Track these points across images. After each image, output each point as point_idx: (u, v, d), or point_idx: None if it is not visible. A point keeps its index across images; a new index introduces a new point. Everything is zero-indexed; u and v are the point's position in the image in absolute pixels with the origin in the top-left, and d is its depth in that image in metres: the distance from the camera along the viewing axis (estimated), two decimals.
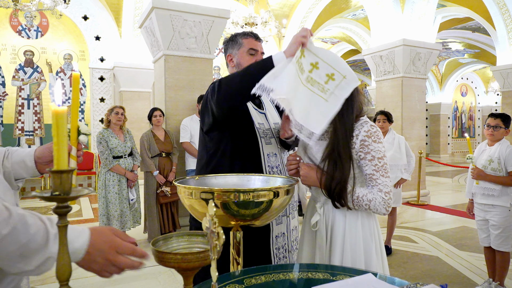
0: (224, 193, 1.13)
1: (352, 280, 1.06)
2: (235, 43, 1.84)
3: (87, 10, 8.78)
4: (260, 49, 1.84)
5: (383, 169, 1.48)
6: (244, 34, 1.84)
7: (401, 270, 3.54)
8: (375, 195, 1.45)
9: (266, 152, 1.74)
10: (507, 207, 2.78)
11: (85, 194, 0.64)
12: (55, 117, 0.61)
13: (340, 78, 1.43)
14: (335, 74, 1.44)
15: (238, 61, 1.81)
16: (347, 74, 1.44)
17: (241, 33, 1.85)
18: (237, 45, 1.83)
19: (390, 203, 1.47)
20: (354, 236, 1.51)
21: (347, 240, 1.51)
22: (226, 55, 1.88)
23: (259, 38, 1.85)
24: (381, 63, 7.13)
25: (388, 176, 1.48)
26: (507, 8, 8.10)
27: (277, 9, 9.67)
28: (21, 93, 8.27)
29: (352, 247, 1.50)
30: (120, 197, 4.15)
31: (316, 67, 1.45)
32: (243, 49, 1.80)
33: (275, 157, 1.77)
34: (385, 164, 1.49)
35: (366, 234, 1.53)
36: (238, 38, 1.83)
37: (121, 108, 4.33)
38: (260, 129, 1.77)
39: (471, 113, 19.80)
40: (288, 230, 1.83)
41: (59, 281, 0.63)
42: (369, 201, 1.45)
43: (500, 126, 2.83)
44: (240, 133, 1.73)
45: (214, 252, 0.73)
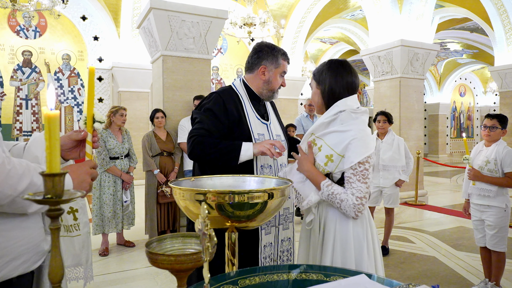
0: (219, 195, 1.14)
1: (345, 281, 1.07)
2: (275, 59, 1.86)
3: (86, 10, 8.77)
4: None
5: (361, 174, 1.48)
6: (284, 55, 1.88)
7: (398, 271, 3.55)
8: (347, 196, 1.48)
9: (260, 164, 1.79)
10: (502, 208, 2.80)
11: (78, 197, 0.64)
12: (47, 121, 0.62)
13: (339, 159, 1.53)
14: (333, 156, 1.54)
15: (270, 79, 1.87)
16: (345, 153, 1.51)
17: (282, 52, 1.88)
18: (275, 63, 1.86)
19: (361, 209, 1.48)
20: (345, 236, 1.53)
21: (338, 239, 1.54)
22: (259, 62, 1.86)
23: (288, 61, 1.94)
24: (379, 63, 7.15)
25: (365, 182, 1.48)
26: (505, 9, 8.13)
27: (276, 9, 9.68)
28: (19, 93, 8.26)
29: (343, 246, 1.53)
30: (114, 199, 4.13)
31: (320, 149, 1.59)
32: (279, 69, 1.86)
33: (269, 168, 1.81)
34: (366, 170, 1.49)
35: (357, 234, 1.55)
36: (279, 57, 1.86)
37: (125, 109, 4.30)
38: (259, 140, 1.80)
39: (469, 113, 19.84)
40: (277, 241, 1.85)
41: (51, 282, 0.63)
42: (341, 201, 1.49)
43: (496, 127, 2.84)
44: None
45: (206, 253, 0.74)
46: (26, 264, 0.99)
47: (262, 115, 1.90)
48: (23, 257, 0.97)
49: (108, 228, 4.08)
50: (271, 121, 1.93)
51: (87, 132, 1.14)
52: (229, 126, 1.78)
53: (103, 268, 3.67)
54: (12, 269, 0.95)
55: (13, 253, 0.95)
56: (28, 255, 0.99)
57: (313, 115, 6.02)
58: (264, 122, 1.88)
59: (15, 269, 0.96)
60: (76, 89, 8.86)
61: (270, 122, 1.92)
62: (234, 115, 1.79)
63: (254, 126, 1.82)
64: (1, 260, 0.93)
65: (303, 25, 10.04)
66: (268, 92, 1.88)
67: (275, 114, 2.02)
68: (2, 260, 0.93)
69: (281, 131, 1.96)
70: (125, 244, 4.34)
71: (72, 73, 8.81)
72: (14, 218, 0.95)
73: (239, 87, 1.90)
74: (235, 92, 1.89)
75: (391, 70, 6.95)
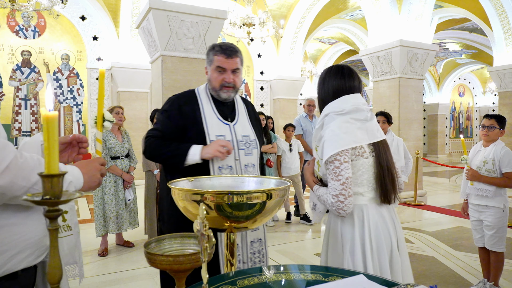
0: (217, 195, 1.14)
1: (344, 281, 1.07)
2: (208, 57, 1.87)
3: (85, 10, 8.77)
4: (231, 66, 1.82)
5: (333, 172, 1.51)
6: (216, 50, 1.82)
7: None
8: (327, 196, 1.54)
9: (217, 165, 1.76)
10: (500, 208, 2.80)
11: (76, 198, 0.65)
12: (46, 122, 0.62)
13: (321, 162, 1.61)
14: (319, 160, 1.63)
15: (210, 77, 1.86)
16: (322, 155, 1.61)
17: (216, 48, 1.83)
18: (209, 60, 1.87)
19: (340, 206, 1.49)
20: (334, 234, 1.61)
21: (330, 237, 1.64)
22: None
23: (232, 55, 1.81)
24: (378, 63, 7.15)
25: (338, 180, 1.49)
26: (504, 9, 8.14)
27: (275, 9, 9.68)
28: (18, 93, 8.26)
29: (333, 245, 1.61)
30: (116, 198, 4.13)
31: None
32: (213, 65, 1.83)
33: (229, 169, 1.78)
34: (336, 168, 1.50)
35: (345, 232, 1.57)
36: (211, 53, 1.85)
37: (121, 108, 4.31)
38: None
39: (468, 113, 19.86)
40: (244, 242, 1.83)
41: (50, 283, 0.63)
42: (325, 201, 1.56)
43: (494, 127, 2.84)
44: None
45: (205, 254, 0.74)
46: (30, 258, 1.03)
47: (226, 116, 1.87)
48: (27, 251, 1.02)
49: (112, 228, 4.08)
50: (238, 121, 1.90)
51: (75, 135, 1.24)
52: (184, 127, 1.80)
53: (103, 268, 3.66)
54: (17, 262, 1.00)
55: (18, 247, 1.00)
56: (32, 249, 1.04)
57: (312, 115, 6.03)
58: (226, 123, 1.86)
59: (19, 263, 1.01)
60: (75, 89, 8.86)
61: (236, 122, 1.89)
62: (190, 117, 1.81)
63: (211, 127, 1.80)
64: (7, 254, 0.98)
65: (302, 25, 10.04)
66: (213, 91, 1.86)
67: (249, 115, 1.98)
68: (9, 253, 0.98)
69: (251, 131, 1.92)
70: (124, 245, 4.34)
71: (71, 73, 8.81)
72: (18, 214, 1.01)
73: (202, 91, 1.92)
74: (195, 95, 1.90)
75: (390, 70, 6.96)
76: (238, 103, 1.97)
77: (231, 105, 1.94)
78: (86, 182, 1.11)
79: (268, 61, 11.08)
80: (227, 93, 1.84)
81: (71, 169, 1.09)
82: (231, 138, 1.84)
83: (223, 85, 1.82)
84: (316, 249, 4.38)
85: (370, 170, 1.59)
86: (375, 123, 1.64)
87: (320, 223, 5.51)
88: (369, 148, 1.59)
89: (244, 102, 2.02)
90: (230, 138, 1.83)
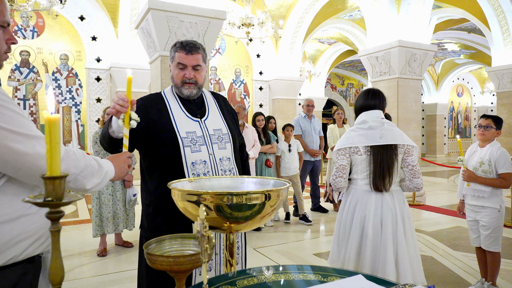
0: (217, 196, 1.15)
1: (343, 281, 1.08)
2: (170, 55, 1.87)
3: (84, 10, 8.76)
4: (191, 62, 1.82)
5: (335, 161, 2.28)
6: (176, 47, 1.83)
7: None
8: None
9: (190, 161, 1.76)
10: (496, 209, 2.81)
11: (78, 199, 0.65)
12: (48, 125, 0.62)
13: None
14: None
15: (172, 75, 1.86)
16: None
17: (177, 44, 1.84)
18: (171, 57, 1.87)
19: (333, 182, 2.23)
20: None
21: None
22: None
23: (192, 51, 1.81)
24: (377, 64, 7.17)
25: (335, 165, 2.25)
26: (502, 9, 8.16)
27: (274, 9, 9.69)
28: (17, 94, 8.25)
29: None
30: (113, 198, 4.12)
31: None
32: (175, 62, 1.83)
33: (203, 164, 1.78)
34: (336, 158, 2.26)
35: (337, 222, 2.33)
36: (172, 50, 1.84)
37: None
38: (187, 138, 1.79)
39: (467, 113, 19.91)
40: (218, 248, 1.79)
41: (52, 284, 0.64)
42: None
43: (491, 126, 2.86)
44: (158, 146, 1.79)
45: (205, 255, 0.75)
46: (44, 244, 1.17)
47: (194, 113, 1.88)
48: (43, 237, 1.16)
49: (107, 228, 4.07)
50: (209, 117, 1.91)
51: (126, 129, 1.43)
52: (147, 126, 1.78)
53: (101, 269, 3.67)
54: (35, 248, 1.13)
55: (37, 234, 1.13)
56: (46, 236, 1.17)
57: (311, 115, 6.04)
58: (195, 119, 1.86)
59: (37, 248, 1.14)
60: (74, 89, 8.85)
61: (206, 118, 1.90)
62: (156, 116, 1.80)
63: (180, 125, 1.81)
64: (29, 240, 1.10)
65: (301, 25, 10.06)
66: (176, 88, 1.87)
67: (220, 109, 1.98)
68: (30, 239, 1.10)
69: (224, 125, 1.93)
70: (123, 245, 4.34)
71: (70, 73, 8.80)
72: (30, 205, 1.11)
73: (168, 92, 1.92)
74: (161, 96, 1.90)
75: (389, 71, 6.98)
76: (208, 99, 1.98)
77: (200, 101, 1.94)
78: (117, 173, 1.33)
79: (267, 61, 11.08)
80: (188, 89, 1.84)
81: (105, 162, 1.28)
82: (202, 134, 1.83)
83: (184, 81, 1.83)
84: (315, 249, 4.39)
85: (363, 164, 2.18)
86: (379, 132, 2.15)
87: (319, 223, 5.53)
88: (365, 149, 2.16)
89: (215, 97, 2.02)
90: (200, 134, 1.83)
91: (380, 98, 2.28)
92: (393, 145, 2.13)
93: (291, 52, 10.54)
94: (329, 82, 17.82)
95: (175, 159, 1.75)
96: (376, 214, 2.10)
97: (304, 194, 6.19)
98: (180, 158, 1.75)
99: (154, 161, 1.81)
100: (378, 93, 2.29)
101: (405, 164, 2.18)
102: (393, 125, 2.25)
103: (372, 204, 2.12)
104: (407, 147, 2.18)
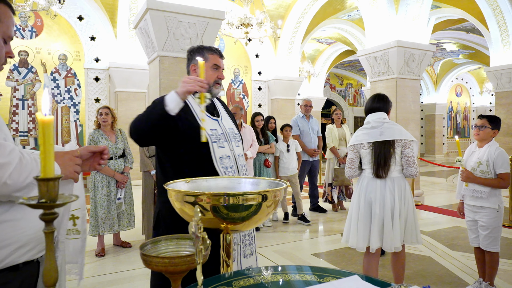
0: (213, 197, 1.15)
1: (338, 281, 1.08)
2: (202, 56, 1.97)
3: (82, 10, 8.75)
4: (222, 66, 2.01)
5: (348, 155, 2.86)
6: (210, 50, 1.99)
7: None
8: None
9: (218, 155, 1.87)
10: (495, 209, 2.81)
11: (72, 201, 0.65)
12: (42, 126, 0.62)
13: None
14: None
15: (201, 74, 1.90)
16: None
17: (208, 47, 2.00)
18: (204, 58, 1.96)
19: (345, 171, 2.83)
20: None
21: None
22: (189, 64, 2.02)
23: (222, 56, 2.03)
24: (376, 64, 7.17)
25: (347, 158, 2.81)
26: (501, 9, 8.17)
27: (273, 9, 9.70)
28: (15, 94, 8.24)
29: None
30: (108, 199, 4.11)
31: None
32: (209, 63, 1.95)
33: (228, 159, 1.90)
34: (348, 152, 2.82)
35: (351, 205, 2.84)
36: (205, 52, 1.99)
37: (107, 108, 4.23)
38: (212, 135, 1.89)
39: (466, 113, 19.93)
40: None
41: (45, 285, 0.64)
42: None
43: (485, 126, 2.86)
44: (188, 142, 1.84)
45: (200, 256, 0.75)
46: (31, 252, 1.10)
47: (211, 112, 1.98)
48: (28, 245, 1.08)
49: (103, 229, 4.06)
50: (222, 117, 2.04)
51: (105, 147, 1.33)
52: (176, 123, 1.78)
53: (100, 269, 3.67)
54: (19, 256, 1.06)
55: (20, 241, 1.06)
56: (33, 243, 1.10)
57: (309, 115, 6.04)
58: (214, 118, 1.98)
59: (21, 256, 1.07)
60: (73, 89, 8.84)
61: (221, 118, 2.02)
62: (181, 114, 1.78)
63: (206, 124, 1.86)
64: (11, 247, 1.04)
65: (300, 25, 10.06)
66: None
67: (226, 111, 2.13)
68: (12, 247, 1.04)
69: (234, 126, 2.08)
70: (121, 245, 4.33)
71: (69, 73, 8.79)
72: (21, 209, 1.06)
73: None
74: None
75: (387, 71, 6.98)
76: (215, 101, 2.09)
77: (212, 103, 2.04)
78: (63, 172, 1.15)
79: (266, 61, 11.09)
80: (218, 88, 2.00)
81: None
82: (222, 131, 1.94)
83: (216, 82, 1.97)
84: (314, 249, 4.39)
85: (368, 157, 2.68)
86: (380, 130, 2.62)
87: (318, 223, 5.53)
88: (368, 144, 2.66)
89: (218, 100, 2.16)
90: (221, 132, 1.93)
91: (384, 102, 2.75)
92: (390, 140, 2.60)
93: (290, 52, 10.54)
94: (328, 82, 17.83)
95: (205, 154, 1.83)
96: (380, 196, 2.61)
97: (303, 194, 6.19)
98: (209, 153, 1.84)
99: (181, 158, 1.85)
100: (383, 97, 2.77)
101: (402, 155, 2.65)
102: (393, 123, 2.70)
103: (378, 188, 2.62)
104: (405, 141, 2.63)
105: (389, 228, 2.58)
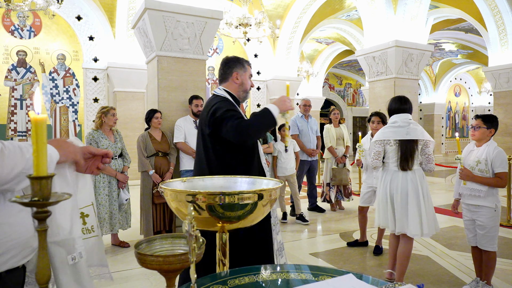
0: (209, 196, 1.15)
1: (333, 280, 1.09)
2: (242, 66, 2.39)
3: (81, 10, 8.75)
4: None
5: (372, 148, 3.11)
6: (247, 62, 2.44)
7: None
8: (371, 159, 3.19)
9: (260, 151, 2.42)
10: (493, 208, 2.82)
11: (65, 199, 0.65)
12: (35, 125, 0.63)
13: None
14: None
15: (243, 81, 2.37)
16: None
17: (246, 60, 2.43)
18: (243, 69, 2.39)
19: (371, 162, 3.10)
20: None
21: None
22: (231, 71, 2.36)
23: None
24: (374, 64, 7.18)
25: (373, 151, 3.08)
26: (499, 9, 8.19)
27: (271, 9, 9.70)
28: (13, 94, 8.23)
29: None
30: (110, 199, 4.11)
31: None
32: (247, 73, 2.40)
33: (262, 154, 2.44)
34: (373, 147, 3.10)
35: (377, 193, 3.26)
36: (245, 64, 2.41)
37: (114, 109, 4.31)
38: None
39: (464, 113, 19.96)
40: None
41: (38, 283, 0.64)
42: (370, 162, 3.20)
43: (480, 126, 2.87)
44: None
45: (193, 254, 0.75)
46: (14, 259, 1.01)
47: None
48: (11, 252, 0.99)
49: (105, 229, 4.07)
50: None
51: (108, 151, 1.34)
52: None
53: None
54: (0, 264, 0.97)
55: (1, 248, 0.97)
56: (17, 250, 1.01)
57: (308, 115, 6.04)
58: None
59: (3, 264, 0.98)
60: (71, 89, 8.84)
61: None
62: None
63: None
64: None
65: (298, 25, 10.07)
66: (244, 93, 2.39)
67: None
68: None
69: None
70: (119, 245, 4.33)
71: (67, 73, 8.78)
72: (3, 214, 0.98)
73: (226, 95, 2.33)
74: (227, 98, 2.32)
75: (385, 71, 6.99)
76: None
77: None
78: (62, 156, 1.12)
79: (264, 61, 11.09)
80: (249, 93, 2.46)
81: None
82: None
83: (250, 88, 2.44)
84: (312, 248, 4.40)
85: (393, 152, 3.00)
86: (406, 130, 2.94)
87: (316, 223, 5.53)
88: (394, 141, 2.97)
89: None
90: None
91: (409, 104, 3.06)
92: (415, 139, 2.94)
93: (288, 52, 10.55)
94: (327, 82, 17.84)
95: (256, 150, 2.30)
96: (402, 186, 2.95)
97: (301, 194, 6.19)
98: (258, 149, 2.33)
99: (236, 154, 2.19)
100: (407, 100, 3.08)
101: (423, 152, 3.01)
102: (417, 124, 3.02)
103: (400, 179, 2.97)
104: (426, 141, 3.00)
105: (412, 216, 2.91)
